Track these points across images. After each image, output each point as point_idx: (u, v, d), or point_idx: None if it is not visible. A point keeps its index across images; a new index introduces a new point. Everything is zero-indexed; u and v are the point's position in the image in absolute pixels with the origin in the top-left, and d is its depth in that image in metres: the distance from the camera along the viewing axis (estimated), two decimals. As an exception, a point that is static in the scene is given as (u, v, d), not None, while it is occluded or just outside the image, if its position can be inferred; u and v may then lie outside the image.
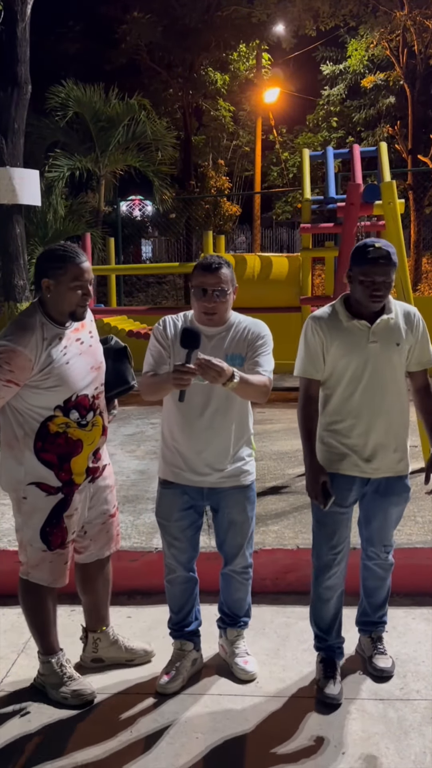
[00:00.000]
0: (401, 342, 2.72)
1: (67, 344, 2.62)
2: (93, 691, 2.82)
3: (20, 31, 6.54)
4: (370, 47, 18.54)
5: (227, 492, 2.81)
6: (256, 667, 2.95)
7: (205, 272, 2.66)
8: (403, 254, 5.31)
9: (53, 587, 2.77)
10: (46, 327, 2.59)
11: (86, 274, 2.60)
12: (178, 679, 2.87)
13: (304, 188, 7.26)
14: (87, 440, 2.71)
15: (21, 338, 2.52)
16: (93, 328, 2.82)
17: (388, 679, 2.87)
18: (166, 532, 2.89)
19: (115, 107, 11.83)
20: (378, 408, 2.74)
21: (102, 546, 2.94)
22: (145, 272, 17.18)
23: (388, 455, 2.79)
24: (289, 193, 21.54)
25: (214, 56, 18.35)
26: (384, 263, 2.61)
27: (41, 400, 2.59)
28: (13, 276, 6.65)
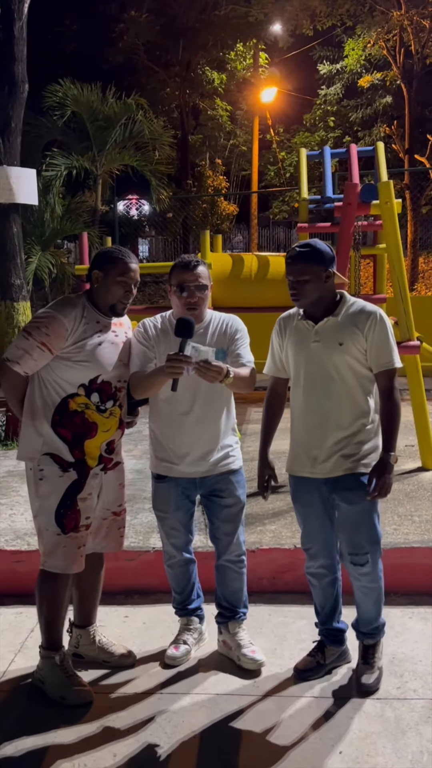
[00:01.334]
0: (345, 342, 2.66)
1: (103, 330, 2.80)
2: (91, 691, 2.83)
3: (17, 29, 6.51)
4: (367, 47, 18.57)
5: (217, 478, 2.95)
6: (263, 655, 3.02)
7: (185, 270, 2.84)
8: (399, 254, 5.31)
9: (68, 576, 2.81)
10: (87, 309, 2.79)
11: (132, 273, 2.81)
12: (185, 652, 3.04)
13: (301, 188, 7.25)
14: (102, 426, 2.81)
15: (63, 308, 2.75)
16: (129, 331, 2.97)
17: (368, 694, 2.78)
18: (164, 523, 3.03)
19: (112, 106, 11.83)
20: (320, 408, 2.73)
21: (99, 541, 2.98)
22: (142, 271, 17.02)
23: (331, 456, 2.73)
24: (286, 192, 21.56)
25: (211, 55, 18.36)
26: (291, 262, 2.66)
27: (69, 374, 2.74)
28: (10, 275, 6.62)
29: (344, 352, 2.66)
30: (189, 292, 2.81)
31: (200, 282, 2.82)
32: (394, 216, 5.23)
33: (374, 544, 2.79)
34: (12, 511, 4.50)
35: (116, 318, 2.88)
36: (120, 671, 3.00)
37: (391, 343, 2.71)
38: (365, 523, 2.75)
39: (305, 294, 2.66)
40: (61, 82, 11.55)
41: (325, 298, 2.71)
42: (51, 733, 2.63)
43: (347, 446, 2.72)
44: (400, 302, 5.26)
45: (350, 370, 2.69)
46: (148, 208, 21.86)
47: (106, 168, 12.60)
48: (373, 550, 2.78)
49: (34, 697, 2.85)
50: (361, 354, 2.68)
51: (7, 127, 6.60)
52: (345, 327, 2.68)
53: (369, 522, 2.75)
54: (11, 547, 3.85)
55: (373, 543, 2.78)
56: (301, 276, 2.64)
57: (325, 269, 2.65)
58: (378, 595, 2.86)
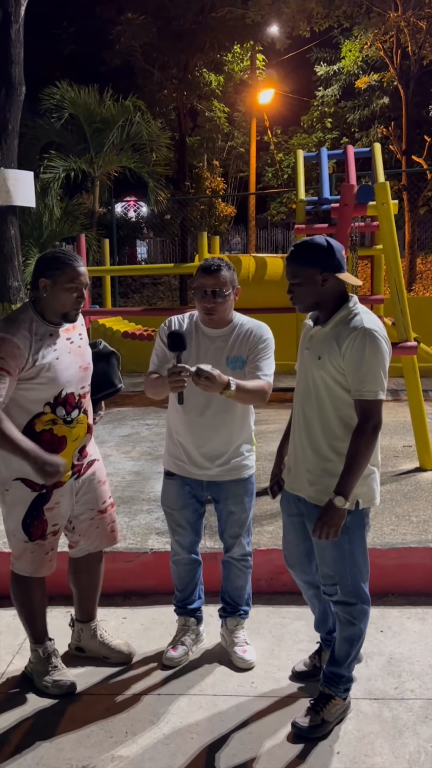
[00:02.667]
0: (323, 356, 2.42)
1: (57, 342, 2.71)
2: (73, 682, 2.88)
3: (14, 32, 6.53)
4: (364, 48, 18.58)
5: (226, 484, 2.94)
6: (254, 655, 3.04)
7: (205, 274, 2.78)
8: (396, 255, 5.32)
9: (35, 577, 2.84)
10: (36, 323, 2.68)
11: (82, 278, 2.69)
12: (183, 653, 3.05)
13: (299, 189, 7.27)
14: (71, 437, 2.78)
15: (10, 328, 2.62)
16: (83, 330, 2.90)
17: (295, 734, 2.55)
18: (171, 519, 3.06)
19: (109, 108, 11.84)
20: (298, 421, 2.57)
21: (92, 542, 2.99)
22: (140, 273, 17.17)
23: (301, 473, 2.56)
24: (284, 193, 21.56)
25: (208, 57, 18.34)
26: (286, 263, 2.50)
27: (32, 394, 2.67)
28: (8, 277, 6.64)
29: (321, 367, 2.43)
30: (207, 298, 2.77)
31: (219, 288, 2.75)
32: (390, 217, 5.24)
33: (343, 576, 2.50)
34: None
35: (68, 323, 2.77)
36: (117, 672, 3.01)
37: (368, 368, 2.33)
38: (329, 554, 2.50)
39: (299, 298, 2.48)
40: (59, 84, 11.55)
41: (325, 303, 2.46)
42: (49, 734, 2.63)
43: (314, 472, 2.50)
44: (397, 303, 5.27)
45: (326, 389, 2.44)
46: (145, 210, 21.86)
47: (104, 170, 12.60)
48: (343, 580, 2.50)
49: (32, 698, 2.85)
50: (339, 373, 2.40)
51: (5, 130, 6.62)
52: (328, 340, 2.43)
53: (333, 554, 2.49)
54: (8, 550, 3.84)
55: (341, 574, 2.50)
56: (292, 279, 2.46)
57: (320, 271, 2.40)
58: (352, 635, 2.56)
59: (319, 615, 2.86)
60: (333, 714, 2.59)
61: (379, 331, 2.38)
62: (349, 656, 2.59)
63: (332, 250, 2.42)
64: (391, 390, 8.53)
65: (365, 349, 2.33)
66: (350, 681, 2.64)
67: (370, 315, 2.44)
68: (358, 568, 2.52)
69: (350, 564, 2.50)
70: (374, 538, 3.88)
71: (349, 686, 2.65)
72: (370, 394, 2.34)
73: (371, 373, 2.33)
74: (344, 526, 2.42)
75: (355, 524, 2.48)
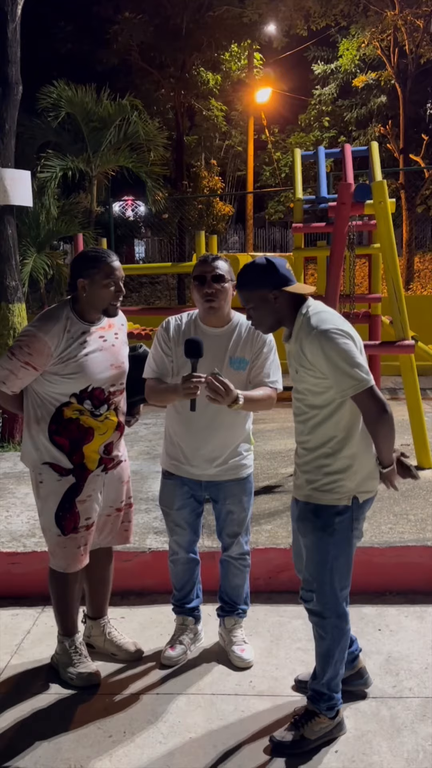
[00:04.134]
0: (299, 370, 2.43)
1: (89, 339, 2.78)
2: (99, 675, 2.92)
3: (11, 31, 6.51)
4: (362, 47, 18.59)
5: (225, 484, 2.94)
6: (252, 654, 3.05)
7: (203, 264, 2.84)
8: (394, 254, 5.32)
9: (75, 573, 2.90)
10: (71, 321, 2.76)
11: (117, 272, 2.78)
12: (181, 652, 3.05)
13: (296, 188, 7.26)
14: (98, 430, 2.84)
15: (44, 326, 2.72)
16: (121, 331, 2.96)
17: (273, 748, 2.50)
18: (169, 518, 3.05)
19: (106, 107, 11.81)
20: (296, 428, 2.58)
21: (104, 537, 3.03)
22: (138, 272, 17.17)
23: (299, 476, 2.54)
24: (282, 192, 21.58)
25: (205, 56, 18.34)
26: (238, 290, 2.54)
27: (59, 387, 2.76)
28: (5, 277, 6.61)
29: (302, 380, 2.43)
30: (207, 284, 2.80)
31: (217, 272, 2.79)
32: (388, 216, 5.24)
33: (322, 584, 2.45)
34: (8, 513, 4.50)
35: (104, 321, 2.86)
36: (116, 671, 3.01)
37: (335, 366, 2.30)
38: (311, 558, 2.47)
39: (258, 321, 2.48)
40: (56, 83, 11.51)
41: (285, 318, 2.45)
42: (47, 734, 2.63)
43: (311, 471, 2.47)
44: (394, 301, 5.27)
45: (314, 396, 2.42)
46: (143, 209, 21.86)
47: (101, 169, 12.57)
48: (321, 589, 2.45)
49: (30, 697, 2.86)
50: (318, 379, 2.37)
51: (1, 129, 6.60)
52: (296, 352, 2.42)
53: (316, 557, 2.46)
54: (7, 549, 3.85)
55: (320, 581, 2.45)
56: (247, 304, 2.45)
57: (269, 290, 2.39)
58: (325, 650, 2.50)
59: None
60: (315, 732, 2.49)
61: (332, 328, 2.32)
62: (326, 673, 2.50)
63: (274, 266, 2.40)
64: (389, 389, 8.53)
65: (322, 351, 2.31)
66: (332, 699, 2.52)
67: (321, 314, 2.39)
68: (340, 576, 2.46)
69: (331, 570, 2.44)
70: (372, 536, 3.88)
71: (333, 704, 2.53)
72: (351, 390, 2.31)
73: (341, 370, 2.30)
74: (331, 527, 2.41)
75: (344, 526, 2.43)
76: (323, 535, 2.43)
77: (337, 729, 2.56)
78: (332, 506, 2.42)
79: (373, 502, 2.56)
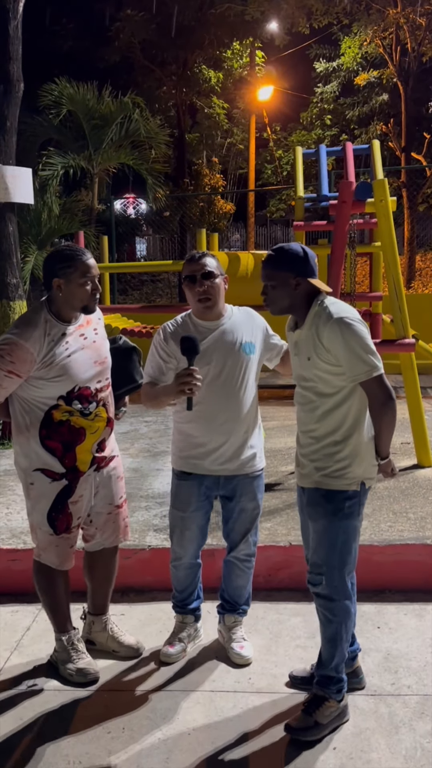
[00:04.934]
0: (312, 357, 2.51)
1: (70, 340, 2.74)
2: (97, 671, 2.93)
3: (12, 29, 6.50)
4: (364, 45, 18.56)
5: (242, 480, 2.93)
6: (251, 652, 3.05)
7: (191, 262, 2.84)
8: (395, 252, 5.32)
9: (61, 570, 2.90)
10: (50, 323, 2.72)
11: (93, 270, 2.74)
12: (180, 650, 3.05)
13: (297, 186, 7.26)
14: (90, 429, 2.82)
15: (24, 332, 2.67)
16: (99, 325, 2.92)
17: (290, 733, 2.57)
18: (181, 522, 3.00)
19: (108, 105, 11.80)
20: (301, 417, 2.66)
21: (107, 536, 3.03)
22: (139, 270, 17.17)
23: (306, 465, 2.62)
24: (283, 190, 21.56)
25: (207, 54, 18.32)
26: (262, 266, 2.56)
27: (45, 391, 2.73)
28: (6, 274, 6.61)
29: (314, 366, 2.50)
30: (198, 282, 2.79)
31: (207, 270, 2.79)
32: (388, 214, 5.24)
33: (331, 567, 2.54)
34: (8, 510, 4.51)
35: (82, 319, 2.81)
36: (115, 668, 3.01)
37: (352, 353, 2.42)
38: (322, 542, 2.55)
39: (272, 300, 2.55)
40: (57, 80, 11.51)
41: (297, 306, 2.55)
42: (46, 731, 2.64)
43: (321, 458, 2.55)
44: (395, 300, 5.27)
45: (324, 384, 2.51)
46: (144, 207, 21.85)
47: (103, 167, 12.57)
48: (330, 572, 2.54)
49: (29, 694, 2.86)
50: (332, 365, 2.47)
51: (3, 126, 6.59)
52: (310, 339, 2.50)
53: (326, 542, 2.54)
54: (7, 546, 3.86)
55: (329, 564, 2.54)
56: (267, 281, 2.54)
57: (293, 276, 2.49)
58: (333, 633, 2.57)
59: None
60: (326, 716, 2.56)
61: (350, 316, 2.46)
62: (334, 657, 2.58)
63: (306, 257, 2.52)
64: (389, 387, 8.52)
65: (342, 337, 2.42)
66: (341, 681, 2.61)
67: (339, 304, 2.52)
68: (348, 559, 2.56)
69: (341, 554, 2.53)
70: (371, 534, 3.89)
71: (342, 686, 2.61)
72: (364, 375, 2.43)
73: (356, 356, 2.42)
74: (342, 512, 2.51)
75: (353, 510, 2.53)
76: (334, 519, 2.51)
77: (344, 713, 2.63)
78: (343, 491, 2.51)
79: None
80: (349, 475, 2.52)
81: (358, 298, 6.68)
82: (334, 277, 5.29)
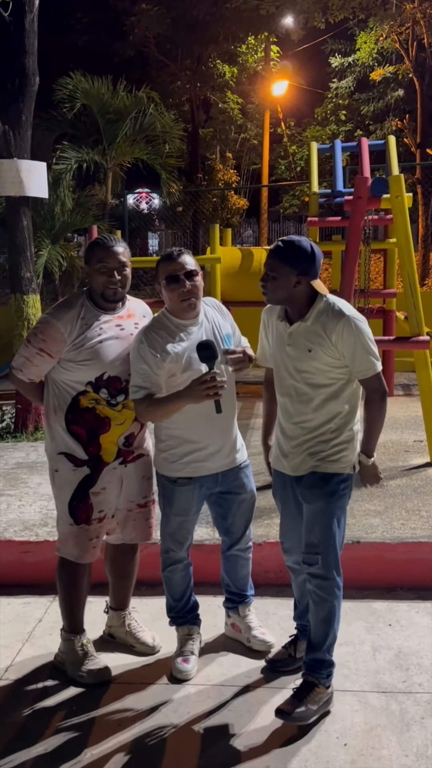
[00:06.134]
0: (313, 348, 2.56)
1: (105, 327, 2.80)
2: (109, 670, 2.92)
3: (28, 22, 6.50)
4: (380, 40, 18.44)
5: (235, 471, 2.95)
6: (272, 637, 3.08)
7: (170, 261, 2.75)
8: (410, 249, 5.28)
9: (82, 564, 2.90)
10: (86, 308, 2.80)
11: (111, 257, 2.76)
12: (194, 662, 2.98)
13: (312, 181, 7.24)
14: (116, 420, 2.83)
15: (58, 313, 2.78)
16: (142, 322, 2.90)
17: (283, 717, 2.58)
18: (181, 527, 2.94)
19: (122, 99, 11.79)
20: (289, 409, 2.71)
21: (128, 533, 3.03)
22: (152, 265, 17.13)
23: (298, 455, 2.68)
24: (297, 186, 21.47)
25: (222, 48, 18.28)
26: (268, 255, 2.59)
27: (74, 374, 2.78)
28: (20, 268, 6.63)
29: (313, 358, 2.55)
30: (181, 282, 2.70)
31: (188, 268, 2.72)
32: (404, 210, 5.21)
33: (328, 546, 2.60)
34: (21, 503, 4.53)
35: (124, 310, 2.87)
36: (125, 661, 3.03)
37: (361, 350, 2.54)
38: (319, 522, 2.61)
39: (272, 290, 2.57)
40: (72, 75, 11.52)
41: (294, 300, 2.58)
42: (57, 722, 2.66)
43: (315, 445, 2.63)
44: (410, 297, 5.24)
45: (322, 375, 2.58)
46: (157, 202, 21.84)
47: (117, 161, 12.57)
48: (326, 551, 2.60)
49: (40, 684, 2.88)
50: (334, 359, 2.55)
51: (18, 120, 6.60)
52: (313, 332, 2.55)
53: (323, 521, 2.60)
54: (20, 538, 3.88)
55: (326, 543, 2.60)
56: (270, 271, 2.56)
57: (296, 273, 2.51)
58: (328, 612, 2.62)
59: (305, 605, 2.83)
60: (317, 702, 2.61)
61: (358, 315, 2.59)
62: (327, 637, 2.63)
63: (313, 258, 2.54)
64: (402, 385, 8.49)
65: (353, 334, 2.53)
66: (332, 665, 2.67)
67: (343, 302, 2.62)
68: (341, 538, 2.68)
69: (335, 533, 2.62)
70: (384, 532, 3.88)
71: (331, 671, 2.67)
72: (371, 371, 2.57)
73: (365, 353, 2.55)
74: (338, 493, 2.62)
75: (346, 492, 2.66)
76: (331, 500, 2.61)
77: (330, 700, 2.68)
78: (338, 474, 2.63)
79: None
80: (344, 459, 2.64)
81: (372, 295, 6.66)
82: (348, 274, 5.27)
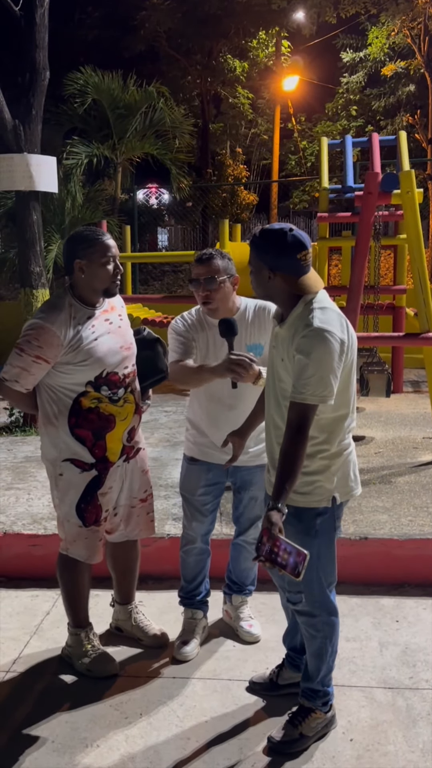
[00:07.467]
0: (285, 359, 2.26)
1: (96, 323, 2.73)
2: (116, 663, 2.93)
3: (39, 17, 6.51)
4: (391, 35, 18.31)
5: (251, 470, 2.94)
6: (259, 630, 3.12)
7: (197, 264, 2.81)
8: (420, 245, 5.26)
9: (89, 563, 2.90)
10: (74, 307, 2.71)
11: (113, 250, 2.73)
12: (195, 646, 3.04)
13: (322, 177, 7.21)
14: (120, 416, 2.80)
15: (49, 316, 2.66)
16: (123, 311, 2.92)
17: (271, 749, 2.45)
18: (190, 504, 3.04)
19: (133, 94, 11.79)
20: (269, 415, 2.41)
21: (131, 529, 3.03)
22: (161, 260, 17.18)
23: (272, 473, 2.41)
24: (307, 182, 21.38)
25: (233, 43, 18.26)
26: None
27: (73, 377, 2.70)
28: (30, 263, 6.65)
29: (285, 369, 2.27)
30: (200, 287, 2.79)
31: (210, 275, 2.76)
32: (415, 206, 5.18)
33: (310, 584, 2.35)
34: (29, 496, 4.55)
35: (106, 304, 2.81)
36: (132, 654, 3.04)
37: (314, 370, 2.11)
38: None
39: (252, 285, 2.31)
40: (82, 69, 11.53)
41: (275, 298, 2.31)
42: (64, 714, 2.67)
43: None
44: (420, 293, 5.22)
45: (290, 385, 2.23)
46: (167, 197, 21.84)
47: (126, 156, 12.58)
48: (309, 589, 2.37)
49: (48, 677, 2.90)
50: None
51: (28, 115, 6.61)
52: (287, 340, 2.25)
53: None
54: (28, 531, 3.89)
55: (307, 582, 2.30)
56: (249, 264, 2.28)
57: (267, 268, 2.21)
58: (318, 648, 2.44)
59: (289, 625, 2.73)
60: (312, 728, 2.46)
61: (333, 332, 2.14)
62: (320, 671, 2.47)
63: (288, 249, 2.17)
64: (411, 381, 8.45)
65: (312, 350, 2.12)
66: (328, 695, 2.52)
67: (326, 312, 2.19)
68: (326, 574, 2.39)
69: (317, 570, 2.33)
70: (392, 528, 3.87)
71: (328, 699, 2.52)
72: (299, 397, 2.13)
73: (317, 376, 2.12)
74: (314, 530, 2.31)
75: (327, 526, 2.34)
76: (306, 538, 2.27)
77: (331, 723, 2.54)
78: (312, 509, 2.31)
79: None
80: (318, 491, 2.30)
81: (382, 291, 6.63)
82: (358, 269, 5.26)
